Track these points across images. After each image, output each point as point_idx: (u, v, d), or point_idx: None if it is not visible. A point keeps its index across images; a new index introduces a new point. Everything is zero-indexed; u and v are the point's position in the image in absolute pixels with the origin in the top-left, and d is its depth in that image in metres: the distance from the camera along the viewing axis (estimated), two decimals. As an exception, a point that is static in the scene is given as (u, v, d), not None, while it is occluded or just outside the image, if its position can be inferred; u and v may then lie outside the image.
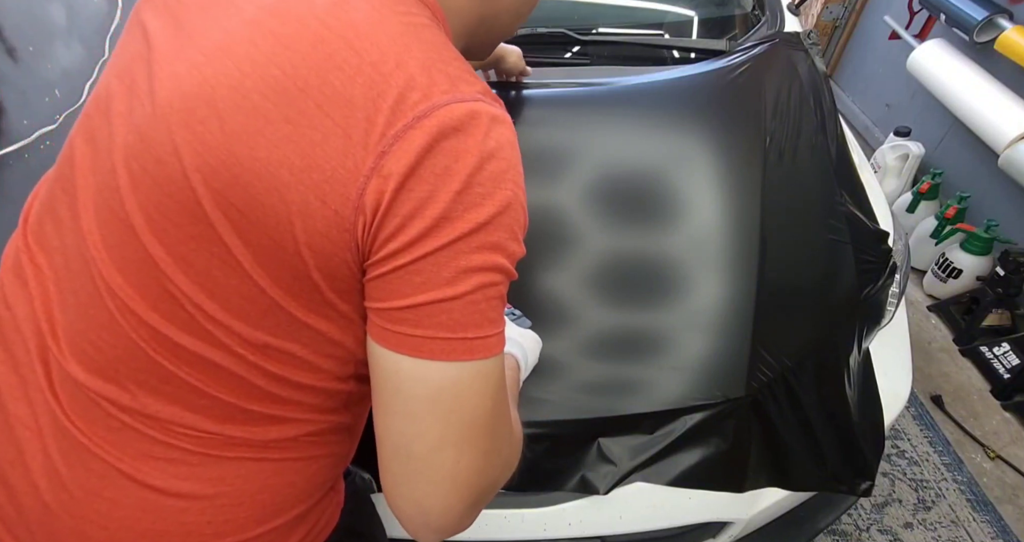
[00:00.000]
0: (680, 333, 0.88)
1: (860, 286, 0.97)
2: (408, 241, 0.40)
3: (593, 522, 0.80)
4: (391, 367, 0.42)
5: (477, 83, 0.44)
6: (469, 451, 0.42)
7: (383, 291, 0.42)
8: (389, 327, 0.42)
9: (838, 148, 1.11)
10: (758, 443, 0.84)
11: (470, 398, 0.42)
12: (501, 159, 0.41)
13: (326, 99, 0.40)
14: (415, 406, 0.41)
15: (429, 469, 0.42)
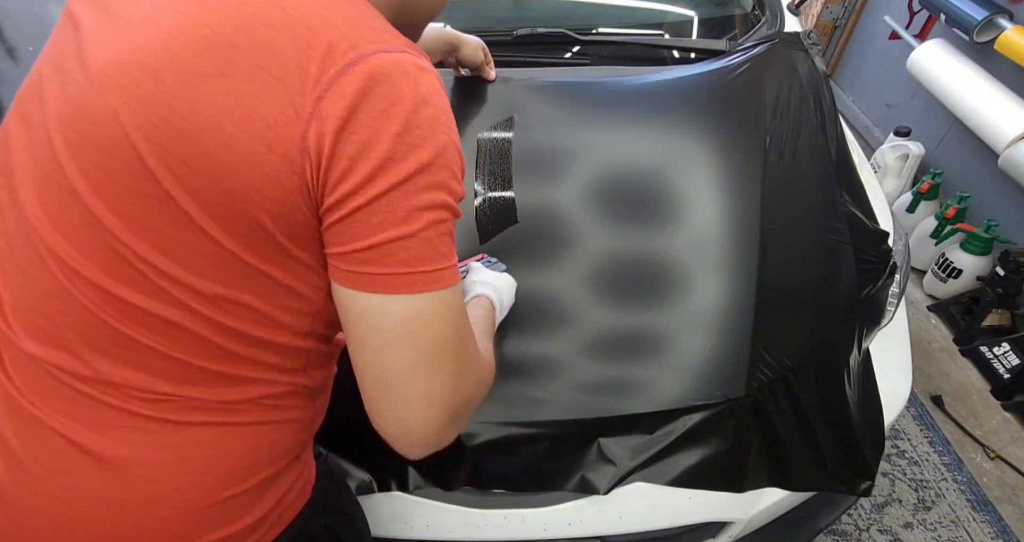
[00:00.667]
0: (680, 333, 0.88)
1: (860, 286, 0.97)
2: (359, 183, 0.42)
3: (593, 522, 0.80)
4: (360, 307, 0.45)
5: (401, 38, 0.47)
6: (439, 374, 0.46)
7: (343, 235, 0.44)
8: (354, 269, 0.44)
9: (838, 148, 1.11)
10: (758, 443, 0.84)
11: (434, 325, 0.45)
12: (433, 105, 0.44)
13: (257, 52, 0.42)
14: (387, 338, 0.45)
15: (406, 392, 0.45)
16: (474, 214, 0.95)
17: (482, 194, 0.97)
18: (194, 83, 0.42)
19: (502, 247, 0.93)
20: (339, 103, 0.41)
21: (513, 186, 0.99)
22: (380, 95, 0.42)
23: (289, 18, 0.42)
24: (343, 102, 0.41)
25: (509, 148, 1.02)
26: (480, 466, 0.79)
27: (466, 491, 0.80)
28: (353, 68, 0.41)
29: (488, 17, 1.45)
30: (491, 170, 1.00)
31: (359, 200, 0.42)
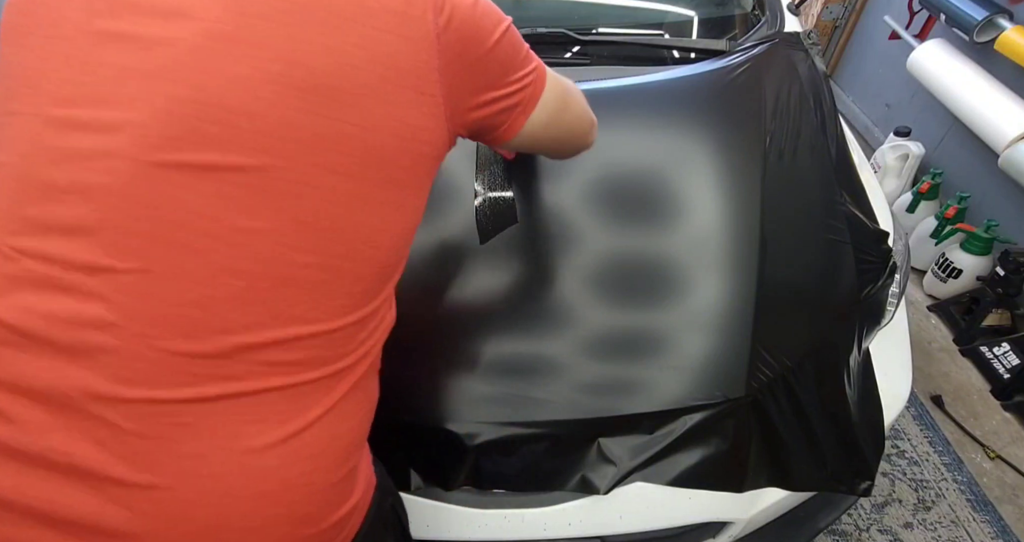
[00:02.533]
0: (680, 333, 0.88)
1: (860, 286, 0.97)
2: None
3: (593, 522, 0.80)
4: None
5: None
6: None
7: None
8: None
9: (838, 148, 1.11)
10: (758, 443, 0.84)
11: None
12: None
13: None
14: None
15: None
16: (474, 214, 0.95)
17: (482, 194, 0.97)
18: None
19: (502, 247, 0.93)
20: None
21: (513, 186, 0.99)
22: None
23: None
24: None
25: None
26: (480, 466, 0.79)
27: (466, 491, 0.80)
28: None
29: (488, 17, 1.45)
30: (491, 170, 1.00)
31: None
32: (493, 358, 0.86)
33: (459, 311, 0.88)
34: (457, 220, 0.95)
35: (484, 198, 0.97)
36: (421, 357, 0.85)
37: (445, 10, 0.51)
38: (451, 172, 1.00)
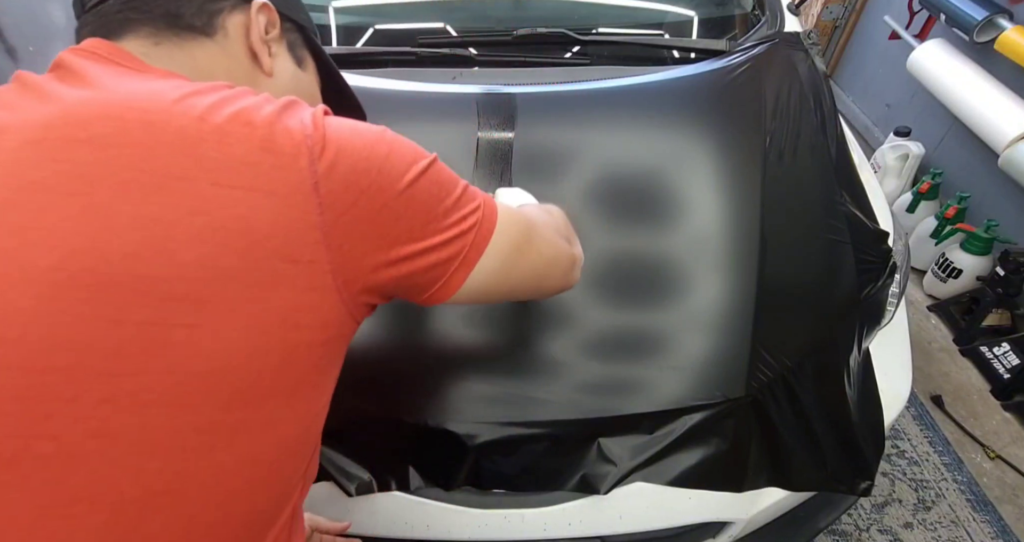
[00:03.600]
0: (680, 333, 0.88)
1: (860, 286, 0.97)
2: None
3: (593, 522, 0.80)
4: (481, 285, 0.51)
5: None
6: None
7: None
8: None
9: (838, 148, 1.11)
10: (758, 443, 0.84)
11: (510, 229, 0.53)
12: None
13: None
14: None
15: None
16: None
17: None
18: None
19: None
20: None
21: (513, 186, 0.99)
22: None
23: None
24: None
25: (509, 148, 1.02)
26: (480, 466, 0.79)
27: (466, 491, 0.80)
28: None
29: (488, 17, 1.45)
30: (491, 170, 1.00)
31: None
32: (493, 358, 0.86)
33: (459, 311, 0.88)
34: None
35: (484, 198, 0.97)
36: (421, 357, 0.85)
37: (327, 154, 0.40)
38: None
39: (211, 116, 0.39)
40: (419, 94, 1.13)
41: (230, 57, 0.51)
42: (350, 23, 1.42)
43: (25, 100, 0.41)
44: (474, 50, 1.27)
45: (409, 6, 1.46)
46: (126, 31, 0.48)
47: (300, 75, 0.60)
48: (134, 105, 0.39)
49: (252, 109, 0.40)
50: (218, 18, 0.50)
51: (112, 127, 0.37)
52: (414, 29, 1.37)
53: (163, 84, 0.42)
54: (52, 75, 0.45)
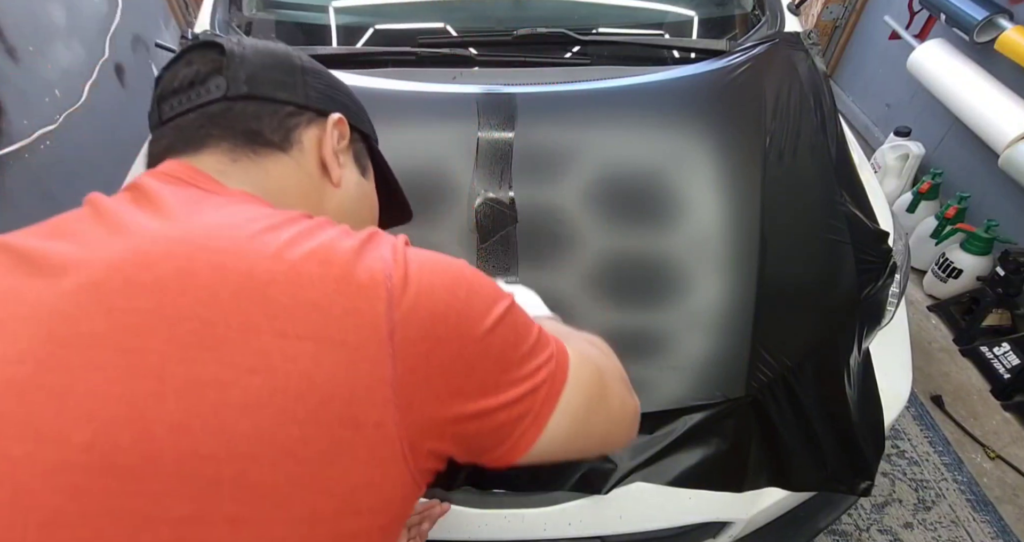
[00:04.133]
0: (680, 333, 0.88)
1: (860, 286, 0.97)
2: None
3: (593, 522, 0.80)
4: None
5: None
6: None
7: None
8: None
9: (838, 148, 1.11)
10: (758, 443, 0.84)
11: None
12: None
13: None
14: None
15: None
16: (474, 214, 0.95)
17: (482, 194, 0.97)
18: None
19: (502, 247, 0.93)
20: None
21: (513, 186, 0.99)
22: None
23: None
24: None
25: (510, 148, 1.02)
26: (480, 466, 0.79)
27: (466, 491, 0.80)
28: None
29: (488, 17, 1.45)
30: (491, 170, 1.00)
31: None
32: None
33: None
34: (457, 220, 0.95)
35: (484, 198, 0.97)
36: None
37: (407, 296, 0.36)
38: (451, 172, 1.00)
39: (286, 254, 0.36)
40: (419, 94, 1.13)
41: (302, 171, 0.51)
42: (350, 23, 1.42)
43: (96, 231, 0.39)
44: (474, 50, 1.27)
45: (409, 6, 1.46)
46: (206, 146, 0.48)
47: (363, 184, 0.59)
48: (206, 244, 0.36)
49: (330, 245, 0.38)
50: (295, 133, 0.51)
51: (178, 268, 0.35)
52: (414, 29, 1.37)
53: (240, 215, 0.40)
54: (126, 199, 0.43)
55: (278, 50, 0.54)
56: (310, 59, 0.56)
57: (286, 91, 0.51)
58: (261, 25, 1.40)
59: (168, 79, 0.50)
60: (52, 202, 1.85)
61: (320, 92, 0.54)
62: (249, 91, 0.49)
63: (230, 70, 0.49)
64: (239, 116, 0.48)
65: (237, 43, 0.51)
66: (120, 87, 2.24)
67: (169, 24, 2.77)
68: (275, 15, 1.47)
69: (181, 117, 0.49)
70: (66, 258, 0.37)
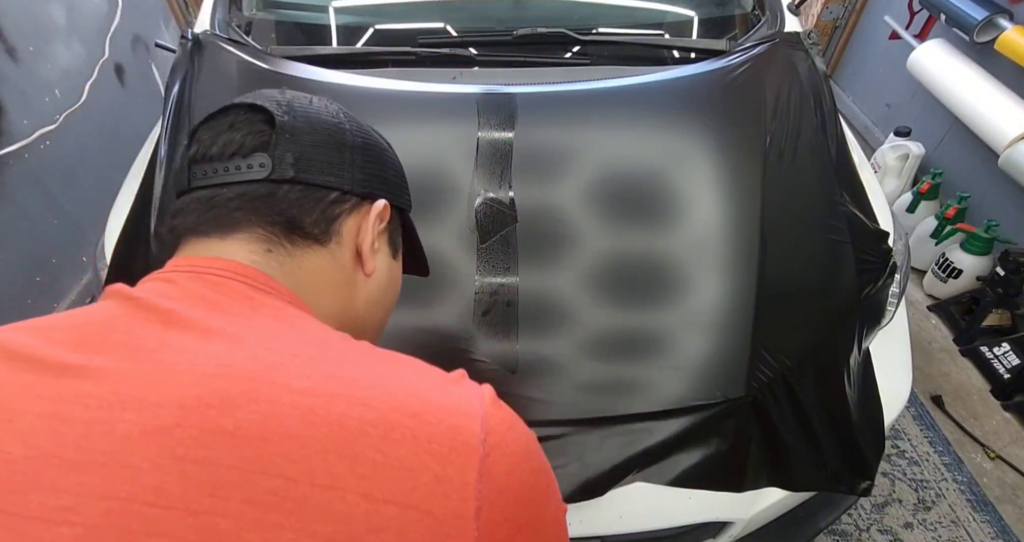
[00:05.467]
0: (680, 333, 0.88)
1: (860, 286, 0.97)
2: None
3: (593, 522, 0.80)
4: None
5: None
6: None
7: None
8: None
9: (838, 148, 1.11)
10: (758, 443, 0.84)
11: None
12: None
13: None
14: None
15: None
16: (474, 214, 0.95)
17: (482, 194, 0.97)
18: None
19: (502, 247, 0.93)
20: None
21: (513, 186, 0.99)
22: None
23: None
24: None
25: (510, 148, 1.02)
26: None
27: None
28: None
29: (488, 17, 1.45)
30: (491, 170, 1.00)
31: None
32: (492, 358, 0.86)
33: (458, 311, 0.88)
34: (457, 220, 0.95)
35: (484, 198, 0.97)
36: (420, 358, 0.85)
37: (498, 474, 0.34)
38: (451, 172, 1.00)
39: (375, 400, 0.34)
40: (419, 94, 1.13)
41: (336, 264, 0.48)
42: (350, 23, 1.42)
43: (142, 354, 0.35)
44: (474, 50, 1.27)
45: (409, 6, 1.47)
46: (239, 230, 0.44)
47: (394, 267, 0.56)
48: (290, 383, 0.33)
49: (419, 393, 0.35)
50: (335, 224, 0.47)
51: (264, 414, 0.32)
52: (414, 29, 1.37)
53: (311, 340, 0.38)
54: (174, 304, 0.38)
55: (329, 122, 0.49)
56: (358, 126, 0.52)
57: (333, 175, 0.47)
58: (261, 25, 1.40)
59: (207, 140, 0.46)
60: (52, 202, 1.85)
61: (366, 173, 0.50)
62: (295, 175, 0.45)
63: (278, 148, 0.45)
64: (281, 202, 0.44)
65: (287, 109, 0.47)
66: (120, 87, 2.24)
67: (169, 24, 2.77)
68: (275, 15, 1.47)
69: (215, 189, 0.44)
70: (120, 389, 0.33)
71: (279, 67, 1.17)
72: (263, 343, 0.36)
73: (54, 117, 1.87)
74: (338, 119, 0.50)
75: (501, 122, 1.05)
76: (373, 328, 0.55)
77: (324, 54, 1.26)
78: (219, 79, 1.13)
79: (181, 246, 0.45)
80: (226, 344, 0.36)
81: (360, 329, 0.52)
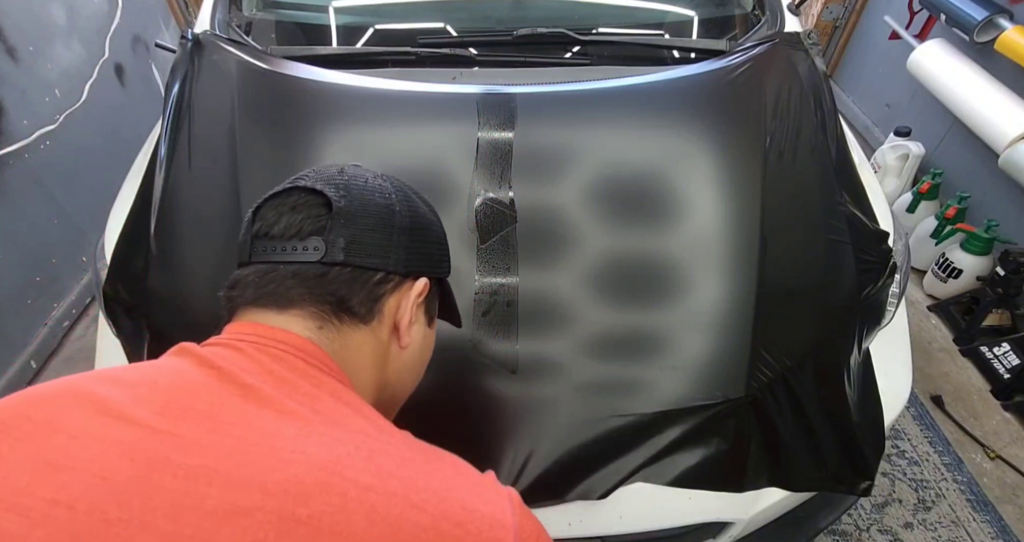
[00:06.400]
0: (681, 333, 0.88)
1: (860, 286, 0.97)
2: None
3: (593, 522, 0.80)
4: None
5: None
6: None
7: None
8: None
9: (838, 148, 1.11)
10: (758, 443, 0.84)
11: None
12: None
13: None
14: None
15: None
16: (474, 214, 0.95)
17: (482, 194, 0.97)
18: None
19: (502, 247, 0.93)
20: None
21: (513, 186, 0.99)
22: None
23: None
24: None
25: (510, 148, 1.02)
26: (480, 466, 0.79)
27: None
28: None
29: (488, 17, 1.45)
30: (491, 170, 1.00)
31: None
32: (492, 358, 0.86)
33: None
34: (457, 220, 0.95)
35: (484, 198, 0.97)
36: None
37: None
38: (451, 172, 1.00)
39: (428, 504, 0.37)
40: (419, 94, 1.13)
41: (376, 339, 0.51)
42: (350, 23, 1.42)
43: (222, 427, 0.37)
44: (474, 50, 1.27)
45: (409, 6, 1.46)
46: (293, 306, 0.48)
47: (428, 335, 0.60)
48: (356, 478, 0.36)
49: (461, 501, 0.39)
50: (379, 303, 0.51)
51: (335, 505, 0.34)
52: (414, 29, 1.37)
53: (367, 432, 0.41)
54: (252, 387, 0.41)
55: (381, 204, 0.52)
56: (407, 205, 0.54)
57: (380, 257, 0.51)
58: (261, 25, 1.40)
59: (270, 218, 0.49)
60: (52, 202, 1.85)
61: (412, 252, 0.53)
62: (345, 259, 0.48)
63: (332, 233, 0.48)
64: (332, 283, 0.48)
65: (345, 192, 0.50)
66: (120, 87, 2.24)
67: (169, 24, 2.77)
68: (275, 15, 1.47)
69: (273, 265, 0.48)
70: (207, 465, 0.35)
71: (279, 67, 1.17)
72: (330, 431, 0.39)
73: (54, 117, 1.87)
74: (390, 201, 0.53)
75: (501, 122, 1.05)
76: (403, 392, 0.59)
77: (324, 54, 1.26)
78: (219, 79, 1.13)
79: (238, 314, 0.49)
80: (299, 426, 0.38)
81: (389, 395, 0.56)
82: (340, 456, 0.37)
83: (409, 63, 1.26)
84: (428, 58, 1.26)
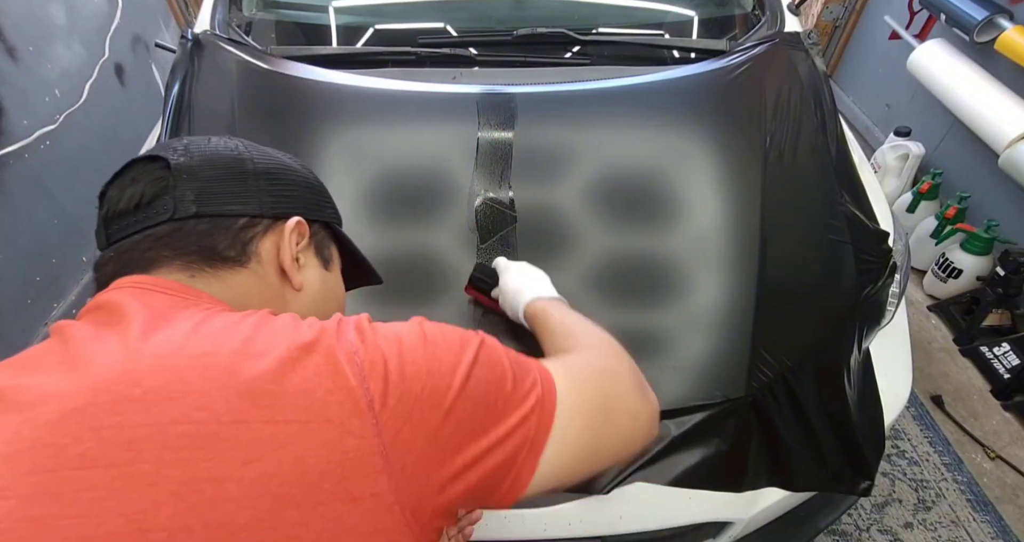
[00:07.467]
0: (681, 333, 0.88)
1: (860, 286, 0.97)
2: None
3: (593, 522, 0.80)
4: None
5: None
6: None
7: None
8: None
9: (838, 148, 1.11)
10: (758, 443, 0.84)
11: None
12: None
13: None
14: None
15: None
16: (474, 214, 0.95)
17: (482, 194, 0.97)
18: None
19: (502, 247, 0.93)
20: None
21: (513, 186, 0.99)
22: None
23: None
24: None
25: (510, 148, 1.02)
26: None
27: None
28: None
29: (488, 17, 1.45)
30: (491, 170, 1.00)
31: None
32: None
33: (458, 311, 0.88)
34: (457, 220, 0.95)
35: (484, 198, 0.97)
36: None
37: (376, 368, 0.38)
38: (451, 172, 1.00)
39: (268, 345, 0.38)
40: (419, 94, 1.13)
41: (263, 282, 0.51)
42: (350, 23, 1.42)
43: (71, 362, 0.38)
44: (474, 50, 1.27)
45: (409, 6, 1.46)
46: (156, 265, 0.47)
47: (327, 278, 0.59)
48: (191, 351, 0.37)
49: (309, 337, 0.39)
50: (251, 246, 0.50)
51: (167, 378, 0.35)
52: (414, 29, 1.37)
53: (218, 320, 0.41)
54: (96, 321, 0.42)
55: (228, 156, 0.52)
56: (260, 153, 0.54)
57: (238, 203, 0.50)
58: (261, 25, 1.40)
59: (114, 199, 0.49)
60: (52, 202, 1.85)
61: (275, 195, 0.53)
62: (199, 210, 0.48)
63: (177, 190, 0.48)
64: (190, 235, 0.47)
65: (183, 152, 0.50)
66: (120, 87, 2.24)
67: (169, 24, 2.77)
68: (275, 15, 1.47)
69: (127, 239, 0.47)
70: (44, 391, 0.36)
71: (279, 67, 1.17)
72: (174, 333, 0.39)
73: (54, 117, 1.87)
74: (237, 151, 0.53)
75: (501, 122, 1.05)
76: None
77: (324, 54, 1.26)
78: (219, 79, 1.13)
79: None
80: (140, 342, 0.38)
81: None
82: (177, 341, 0.38)
83: (409, 63, 1.26)
84: (428, 58, 1.26)
